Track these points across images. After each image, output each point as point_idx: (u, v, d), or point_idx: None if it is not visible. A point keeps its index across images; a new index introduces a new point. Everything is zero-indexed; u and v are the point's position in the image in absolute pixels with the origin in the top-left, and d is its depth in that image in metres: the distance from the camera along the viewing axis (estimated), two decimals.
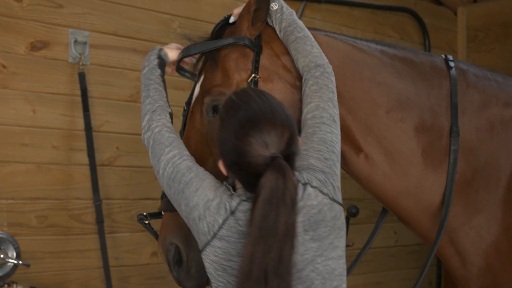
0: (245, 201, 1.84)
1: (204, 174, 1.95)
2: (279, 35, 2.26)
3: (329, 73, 2.13)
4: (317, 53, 2.18)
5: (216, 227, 1.85)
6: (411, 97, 2.40)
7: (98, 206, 3.33)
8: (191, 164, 1.98)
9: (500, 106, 2.53)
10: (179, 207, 1.96)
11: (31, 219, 3.19)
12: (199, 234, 1.90)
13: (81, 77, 3.32)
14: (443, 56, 2.58)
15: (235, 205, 1.84)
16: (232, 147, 1.82)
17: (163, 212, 2.22)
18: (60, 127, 3.30)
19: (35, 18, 3.25)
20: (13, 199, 3.15)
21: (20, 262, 3.03)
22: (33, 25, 3.24)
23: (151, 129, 2.10)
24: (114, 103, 3.46)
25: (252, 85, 2.16)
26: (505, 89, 2.60)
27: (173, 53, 2.33)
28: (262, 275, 1.70)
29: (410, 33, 4.88)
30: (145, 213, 2.30)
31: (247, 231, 1.79)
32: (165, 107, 2.18)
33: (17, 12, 3.19)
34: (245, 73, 2.19)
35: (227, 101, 1.90)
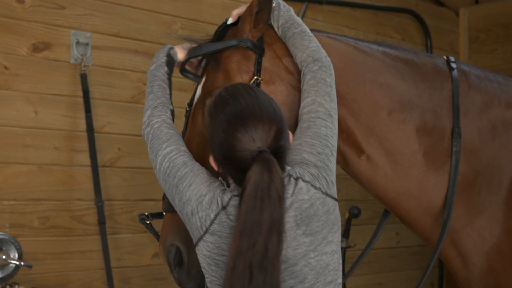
0: (236, 196, 1.84)
1: (199, 169, 1.96)
2: (278, 33, 2.26)
3: (327, 67, 2.12)
4: (314, 47, 2.17)
5: (208, 222, 1.86)
6: (413, 98, 2.39)
7: (100, 207, 3.33)
8: (187, 159, 1.99)
9: (502, 107, 2.52)
10: (174, 202, 1.97)
11: (33, 220, 3.19)
12: (192, 229, 1.91)
13: (83, 78, 3.32)
14: (445, 57, 2.58)
15: (227, 200, 1.85)
16: (220, 142, 1.83)
17: (164, 212, 2.23)
18: (62, 128, 3.30)
19: (37, 19, 3.25)
20: (15, 200, 3.15)
21: (22, 263, 3.03)
22: (35, 27, 3.24)
23: (151, 124, 2.11)
24: (116, 104, 3.46)
25: None
26: (507, 90, 2.59)
27: (182, 53, 2.33)
28: (247, 270, 1.69)
29: (411, 34, 4.87)
30: (146, 213, 2.31)
31: (235, 225, 1.79)
32: (166, 103, 2.19)
33: (19, 13, 3.20)
34: (247, 75, 2.19)
35: (216, 96, 1.91)
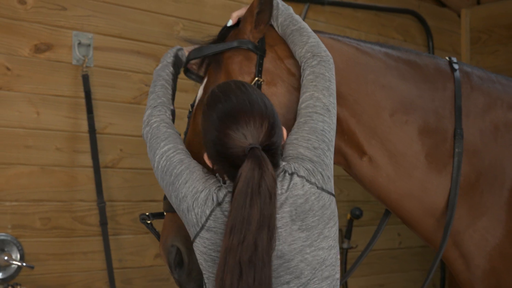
0: (231, 192, 1.85)
1: (195, 166, 1.97)
2: (278, 32, 2.26)
3: (326, 61, 2.13)
4: (313, 42, 2.18)
5: (203, 218, 1.87)
6: (415, 99, 2.39)
7: (101, 208, 3.33)
8: (184, 157, 2.00)
9: (504, 108, 2.52)
10: (171, 199, 1.99)
11: (35, 221, 3.19)
12: (189, 225, 1.93)
13: (85, 79, 3.32)
14: (447, 58, 2.57)
15: (222, 196, 1.86)
16: (213, 139, 1.84)
17: (165, 212, 2.23)
18: (64, 129, 3.30)
19: (39, 20, 3.25)
20: (17, 201, 3.15)
21: (24, 264, 3.02)
22: (37, 28, 3.24)
23: (150, 124, 2.13)
24: (117, 105, 3.46)
25: None
26: (509, 91, 2.59)
27: None
28: (237, 266, 1.71)
29: (413, 35, 4.87)
30: (147, 213, 2.31)
31: (226, 221, 1.80)
32: (167, 103, 2.20)
33: (21, 14, 3.20)
34: (249, 76, 2.19)
35: (209, 94, 1.93)
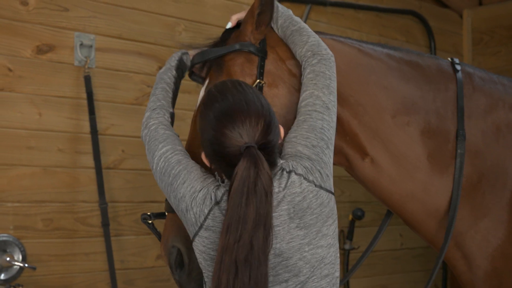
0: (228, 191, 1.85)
1: (192, 166, 1.98)
2: (278, 33, 2.27)
3: (327, 59, 2.13)
4: (314, 42, 2.18)
5: (202, 217, 1.87)
6: (417, 101, 2.39)
7: (103, 209, 3.33)
8: (182, 158, 2.01)
9: (506, 109, 2.52)
10: (170, 199, 2.00)
11: (37, 222, 3.19)
12: (188, 225, 1.93)
13: (87, 80, 3.32)
14: (449, 59, 2.57)
15: (220, 195, 1.87)
16: (209, 138, 1.85)
17: (166, 212, 2.23)
18: (65, 130, 3.30)
19: (41, 21, 3.25)
20: (19, 202, 3.15)
21: (26, 265, 3.02)
22: (39, 29, 3.24)
23: (148, 126, 2.15)
24: (119, 106, 3.46)
25: None
26: (511, 92, 2.59)
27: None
28: (233, 265, 1.72)
29: (415, 36, 4.87)
30: (148, 213, 2.32)
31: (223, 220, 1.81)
32: (166, 106, 2.21)
33: (23, 15, 3.20)
34: (250, 79, 2.19)
35: (206, 94, 1.94)
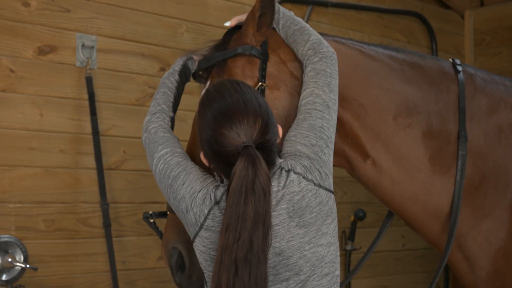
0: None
1: (192, 167, 1.99)
2: (280, 35, 2.27)
3: (328, 57, 2.13)
4: (315, 40, 2.18)
5: (202, 217, 1.88)
6: (419, 102, 2.39)
7: (105, 209, 3.33)
8: (181, 159, 2.02)
9: (508, 110, 2.52)
10: (170, 201, 2.00)
11: (39, 222, 3.19)
12: (188, 225, 1.94)
13: (89, 81, 3.33)
14: (451, 60, 2.57)
15: (220, 195, 1.87)
16: (208, 138, 1.86)
17: (168, 212, 2.24)
18: (67, 131, 3.31)
19: (42, 22, 3.25)
20: (20, 203, 3.15)
21: (27, 265, 3.02)
22: (41, 30, 3.25)
23: (148, 130, 2.16)
24: (121, 107, 3.46)
25: None
26: None
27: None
28: (232, 264, 1.72)
29: (417, 37, 4.87)
30: (150, 212, 2.33)
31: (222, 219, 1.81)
32: (166, 111, 2.22)
33: (24, 16, 3.20)
34: (252, 81, 2.19)
35: (205, 93, 1.94)
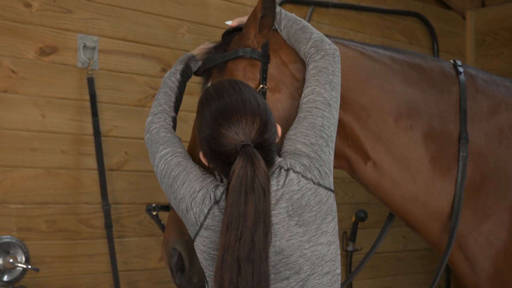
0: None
1: (192, 167, 1.99)
2: (282, 35, 2.27)
3: (331, 54, 2.13)
4: (317, 37, 2.18)
5: (202, 217, 1.88)
6: (420, 104, 2.39)
7: (106, 210, 3.33)
8: (181, 159, 2.03)
9: (509, 111, 2.52)
10: (170, 201, 2.01)
11: (40, 223, 3.19)
12: (188, 225, 1.94)
13: (90, 82, 3.33)
14: (452, 61, 2.57)
15: (220, 194, 1.88)
16: (206, 138, 1.87)
17: (170, 209, 2.24)
18: (69, 132, 3.31)
19: (44, 23, 3.25)
20: (22, 203, 3.15)
21: (29, 266, 3.03)
22: (42, 30, 3.25)
23: (150, 131, 2.17)
24: (122, 108, 3.47)
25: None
26: None
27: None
28: (235, 263, 1.73)
29: (418, 38, 4.86)
30: (154, 204, 2.34)
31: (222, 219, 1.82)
32: (168, 111, 2.23)
33: (26, 17, 3.21)
34: (253, 83, 2.19)
35: (204, 93, 1.95)
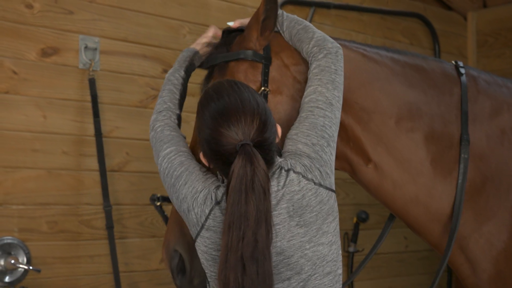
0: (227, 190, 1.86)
1: (194, 167, 1.99)
2: (284, 37, 2.27)
3: (333, 53, 2.13)
4: (319, 37, 2.18)
5: (203, 217, 1.89)
6: (422, 106, 2.39)
7: (108, 211, 3.33)
8: (184, 159, 2.03)
9: (511, 112, 2.52)
10: (172, 200, 2.01)
11: (42, 224, 3.20)
12: (190, 225, 1.95)
13: (91, 83, 3.33)
14: (453, 62, 2.57)
15: (221, 195, 1.88)
16: (206, 138, 1.87)
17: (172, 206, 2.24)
18: (70, 133, 3.31)
19: (45, 24, 3.26)
20: (23, 204, 3.15)
21: (30, 267, 3.03)
22: (44, 32, 3.25)
23: (154, 129, 2.17)
24: (124, 109, 3.47)
25: None
26: None
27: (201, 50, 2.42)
28: (239, 262, 1.73)
29: (419, 38, 4.86)
30: (158, 195, 2.34)
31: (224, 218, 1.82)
32: (172, 108, 2.23)
33: (27, 18, 3.21)
34: (254, 85, 2.19)
35: (203, 93, 1.96)
